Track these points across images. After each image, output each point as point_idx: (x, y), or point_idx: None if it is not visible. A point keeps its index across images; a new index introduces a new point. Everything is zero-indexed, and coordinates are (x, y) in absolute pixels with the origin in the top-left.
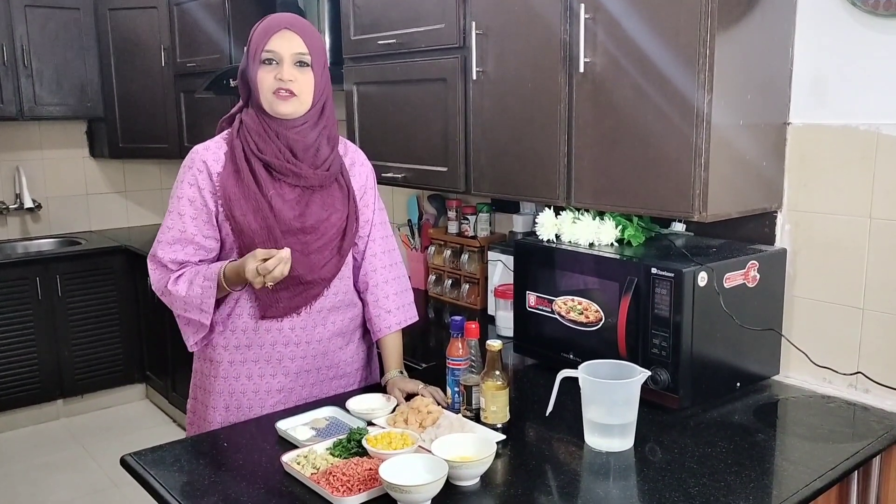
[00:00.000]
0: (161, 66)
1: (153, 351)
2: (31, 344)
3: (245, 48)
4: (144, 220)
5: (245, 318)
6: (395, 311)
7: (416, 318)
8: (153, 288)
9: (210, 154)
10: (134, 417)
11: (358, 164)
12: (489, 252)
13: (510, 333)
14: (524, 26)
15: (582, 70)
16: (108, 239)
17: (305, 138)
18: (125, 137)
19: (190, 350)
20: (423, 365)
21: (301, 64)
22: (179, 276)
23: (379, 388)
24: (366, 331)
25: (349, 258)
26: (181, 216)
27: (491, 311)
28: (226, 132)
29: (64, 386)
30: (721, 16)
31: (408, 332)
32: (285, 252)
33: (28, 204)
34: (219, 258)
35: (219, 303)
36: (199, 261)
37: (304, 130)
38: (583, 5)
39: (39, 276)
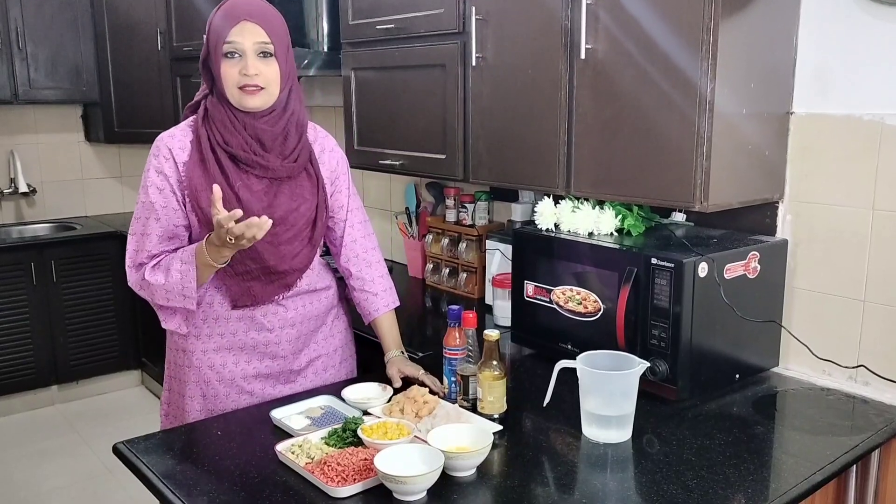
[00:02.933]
0: (157, 50)
1: (149, 337)
2: (25, 329)
3: (205, 35)
4: None
5: (216, 307)
6: (382, 293)
7: (397, 304)
8: (130, 284)
9: (175, 142)
10: (129, 404)
11: (328, 150)
12: (487, 241)
13: (508, 323)
14: (525, 12)
15: (583, 56)
16: (104, 224)
17: (273, 127)
18: (121, 122)
19: (181, 333)
20: (420, 354)
21: (264, 54)
22: (155, 265)
23: (375, 376)
24: (339, 311)
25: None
26: (152, 205)
27: (489, 301)
28: (191, 119)
29: (59, 372)
30: (725, 2)
31: (404, 321)
32: (262, 222)
33: (23, 188)
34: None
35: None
36: (174, 249)
37: (272, 120)
38: None
39: (34, 261)
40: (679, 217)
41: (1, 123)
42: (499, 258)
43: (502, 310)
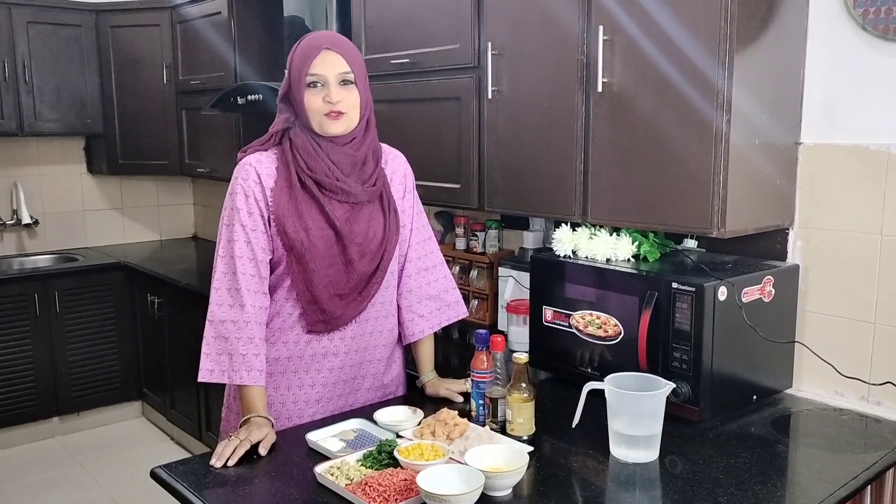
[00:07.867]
0: (163, 84)
1: (150, 368)
2: (28, 361)
3: (286, 70)
4: (141, 236)
5: (297, 331)
6: (429, 315)
7: (465, 314)
8: (210, 308)
9: (263, 167)
10: (130, 435)
11: (396, 168)
12: (500, 268)
13: (522, 348)
14: (541, 47)
15: (600, 90)
16: (106, 255)
17: (356, 153)
18: (125, 154)
19: (201, 379)
20: None
21: (345, 83)
22: (229, 331)
23: (403, 399)
24: (400, 341)
25: (391, 268)
26: (243, 227)
27: (501, 326)
28: (275, 148)
29: (59, 403)
30: (739, 40)
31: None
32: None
33: (25, 220)
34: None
35: (272, 316)
36: (262, 277)
37: (354, 146)
38: (601, 27)
39: (38, 292)
40: (690, 243)
41: (4, 155)
42: (512, 284)
43: (517, 335)
